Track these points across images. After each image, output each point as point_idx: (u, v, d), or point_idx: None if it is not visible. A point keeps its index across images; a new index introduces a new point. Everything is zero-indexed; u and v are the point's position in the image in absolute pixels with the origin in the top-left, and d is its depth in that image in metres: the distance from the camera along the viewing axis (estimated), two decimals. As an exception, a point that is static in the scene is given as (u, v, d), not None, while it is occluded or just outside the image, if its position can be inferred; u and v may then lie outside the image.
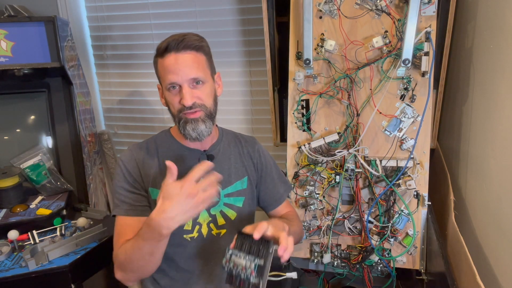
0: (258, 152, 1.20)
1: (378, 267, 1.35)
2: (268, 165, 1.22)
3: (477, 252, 1.08)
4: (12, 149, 1.83)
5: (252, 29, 1.97)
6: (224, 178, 1.08)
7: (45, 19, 1.65)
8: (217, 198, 1.08)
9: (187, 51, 0.99)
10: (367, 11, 1.27)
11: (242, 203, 1.14)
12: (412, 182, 1.25)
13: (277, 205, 1.23)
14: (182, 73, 0.98)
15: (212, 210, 1.09)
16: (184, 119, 1.01)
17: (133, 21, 2.11)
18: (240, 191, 1.14)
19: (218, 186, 1.02)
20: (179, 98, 1.00)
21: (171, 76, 0.98)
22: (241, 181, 1.14)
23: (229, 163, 1.14)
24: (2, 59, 1.66)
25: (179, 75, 0.98)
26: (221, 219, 1.11)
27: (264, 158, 1.21)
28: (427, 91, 1.25)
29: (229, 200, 1.12)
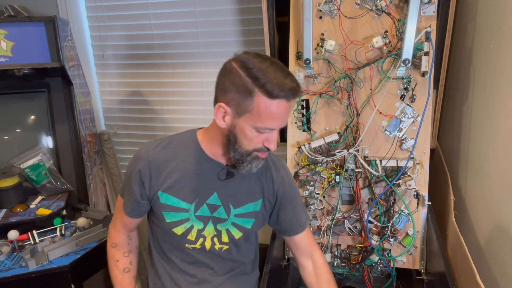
0: (283, 179, 1.12)
1: (378, 267, 1.35)
2: (291, 192, 1.13)
3: (477, 252, 1.08)
4: (12, 149, 1.83)
5: (252, 29, 1.97)
6: (238, 198, 1.05)
7: (45, 19, 1.65)
8: (226, 216, 1.05)
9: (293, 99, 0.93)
10: (367, 11, 1.27)
11: (251, 224, 1.09)
12: (412, 182, 1.25)
13: (297, 233, 1.16)
14: (282, 122, 0.93)
15: (219, 225, 1.06)
16: (255, 156, 0.97)
17: (133, 21, 2.11)
18: (251, 213, 1.08)
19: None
20: (263, 139, 0.94)
21: (273, 122, 0.90)
22: (254, 203, 1.08)
23: (248, 183, 1.07)
24: (2, 59, 1.66)
25: (280, 123, 0.92)
26: (225, 237, 1.07)
27: (288, 186, 1.12)
28: (427, 91, 1.25)
29: (238, 220, 1.07)
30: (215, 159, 1.03)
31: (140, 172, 1.01)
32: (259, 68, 0.87)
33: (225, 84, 0.92)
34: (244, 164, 0.97)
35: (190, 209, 1.03)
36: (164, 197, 1.02)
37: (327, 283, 1.12)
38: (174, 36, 2.09)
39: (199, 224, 1.04)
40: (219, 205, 1.04)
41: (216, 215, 1.04)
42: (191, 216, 1.03)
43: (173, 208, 1.02)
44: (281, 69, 0.89)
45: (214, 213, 1.04)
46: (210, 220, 1.04)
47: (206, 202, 1.03)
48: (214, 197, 1.03)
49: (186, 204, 1.02)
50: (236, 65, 0.92)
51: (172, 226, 1.03)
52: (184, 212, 1.03)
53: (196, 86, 2.15)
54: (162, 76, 2.18)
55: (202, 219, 1.04)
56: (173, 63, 2.14)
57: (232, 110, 0.91)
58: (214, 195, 1.03)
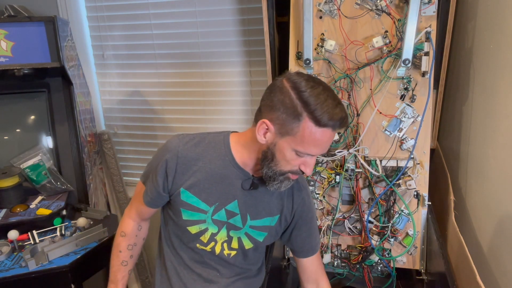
0: (303, 200, 1.11)
1: (378, 267, 1.35)
2: (309, 214, 1.13)
3: (477, 252, 1.08)
4: (12, 149, 1.83)
5: (252, 29, 1.97)
6: (256, 210, 1.05)
7: (45, 19, 1.65)
8: (241, 225, 1.05)
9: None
10: (367, 11, 1.27)
11: (264, 238, 1.09)
12: (412, 182, 1.25)
13: (306, 256, 1.17)
14: (324, 150, 0.93)
15: (232, 232, 1.06)
16: (287, 177, 0.96)
17: (133, 21, 2.11)
18: (266, 227, 1.08)
19: None
20: (300, 162, 0.93)
21: (315, 149, 0.90)
22: (271, 218, 1.08)
23: (268, 197, 1.06)
24: (2, 59, 1.66)
25: (321, 151, 0.92)
26: (235, 244, 1.07)
27: (306, 207, 1.12)
28: (427, 91, 1.25)
29: (252, 231, 1.07)
30: (243, 168, 1.01)
31: (167, 164, 0.99)
32: (311, 94, 0.86)
33: (273, 101, 0.91)
34: (275, 182, 0.96)
35: (208, 212, 1.02)
36: (185, 195, 1.01)
37: None
38: (174, 36, 2.09)
39: (213, 228, 1.04)
40: (237, 213, 1.03)
41: (232, 222, 1.04)
42: (208, 219, 1.03)
43: (192, 207, 1.01)
44: (333, 97, 0.87)
45: (230, 219, 1.04)
46: (225, 225, 1.04)
47: (225, 208, 1.02)
48: (234, 204, 1.02)
49: (205, 205, 1.02)
50: (288, 84, 0.89)
51: (188, 224, 1.03)
52: (202, 213, 1.02)
53: (196, 86, 2.14)
54: (162, 76, 2.18)
55: (218, 224, 1.03)
56: (173, 63, 2.14)
57: (275, 128, 0.90)
58: (235, 203, 1.02)
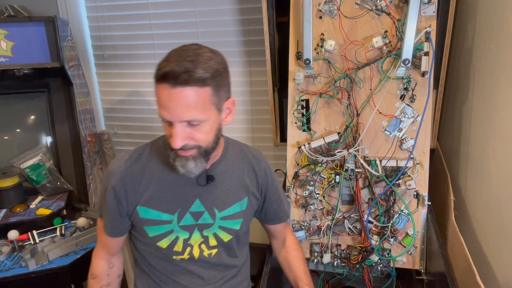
0: (265, 171, 1.08)
1: (378, 267, 1.35)
2: (273, 183, 1.11)
3: (477, 252, 1.08)
4: (12, 149, 1.83)
5: (252, 29, 1.97)
6: (222, 200, 1.01)
7: (45, 19, 1.66)
8: (212, 221, 1.01)
9: (186, 86, 0.80)
10: (367, 11, 1.27)
11: (240, 225, 1.05)
12: (412, 182, 1.25)
13: (279, 222, 1.17)
14: (175, 113, 0.82)
15: (205, 231, 1.02)
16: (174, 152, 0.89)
17: (133, 21, 2.11)
18: (238, 213, 1.04)
19: None
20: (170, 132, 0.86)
21: (163, 111, 0.83)
22: (240, 203, 1.04)
23: (230, 183, 1.02)
24: (2, 59, 1.66)
25: (171, 114, 0.82)
26: (214, 241, 1.03)
27: (270, 177, 1.10)
28: (427, 91, 1.25)
29: (225, 223, 1.03)
30: None
31: (115, 189, 0.95)
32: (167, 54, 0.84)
33: None
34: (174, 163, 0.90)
35: (173, 220, 0.98)
36: (143, 211, 0.97)
37: (298, 260, 1.18)
38: (174, 36, 2.09)
39: (184, 234, 1.00)
40: (203, 211, 1.00)
41: (201, 222, 1.00)
42: (175, 227, 0.99)
43: (155, 222, 0.97)
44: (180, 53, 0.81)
45: (199, 220, 1.00)
46: (196, 228, 1.00)
47: (189, 211, 0.99)
48: (196, 204, 0.99)
49: (168, 215, 0.97)
50: None
51: (156, 240, 0.98)
52: (167, 224, 0.98)
53: (196, 86, 2.14)
54: (162, 76, 2.18)
55: (187, 229, 1.00)
56: (173, 63, 2.14)
57: None
58: (197, 202, 0.99)
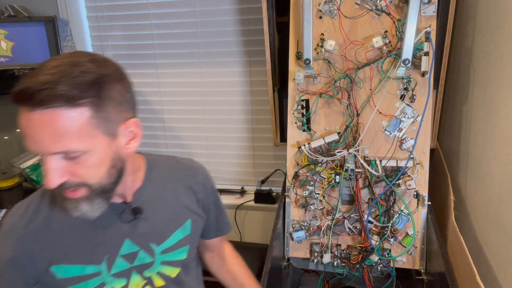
0: (203, 183, 0.96)
1: (378, 267, 1.35)
2: (214, 194, 1.00)
3: (477, 252, 1.08)
4: (12, 149, 1.83)
5: (252, 29, 1.97)
6: (158, 232, 0.85)
7: (45, 19, 1.66)
8: (151, 259, 0.85)
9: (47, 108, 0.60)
10: (367, 11, 1.27)
11: (187, 253, 0.90)
12: (412, 182, 1.25)
13: (221, 235, 1.05)
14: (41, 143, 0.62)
15: (146, 272, 0.86)
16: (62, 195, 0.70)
17: (133, 21, 2.11)
18: (182, 240, 0.89)
19: None
20: None
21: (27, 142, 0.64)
22: (182, 228, 0.89)
23: (164, 210, 0.86)
24: (2, 59, 1.66)
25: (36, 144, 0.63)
26: (159, 280, 0.88)
27: (210, 189, 0.98)
28: (427, 91, 1.25)
29: (168, 256, 0.87)
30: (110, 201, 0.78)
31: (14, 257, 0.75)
32: None
33: None
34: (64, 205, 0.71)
35: (101, 271, 0.80)
36: (61, 271, 0.77)
37: (241, 267, 1.10)
38: (174, 36, 2.09)
39: (120, 282, 0.83)
40: (137, 250, 0.83)
41: (139, 263, 0.84)
42: (106, 278, 0.81)
43: (79, 278, 0.78)
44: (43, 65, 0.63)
45: (135, 262, 0.84)
46: (133, 270, 0.84)
47: (120, 255, 0.82)
48: (127, 244, 0.82)
49: (94, 267, 0.79)
50: None
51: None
52: (95, 277, 0.80)
53: (196, 86, 2.15)
54: (162, 76, 2.18)
55: (123, 275, 0.83)
56: (173, 63, 2.14)
57: None
58: (127, 242, 0.82)
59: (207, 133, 2.22)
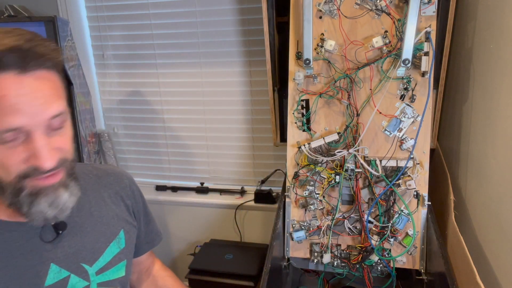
0: (130, 188, 0.86)
1: (378, 267, 1.35)
2: (142, 200, 0.90)
3: (477, 252, 1.08)
4: (12, 149, 1.83)
5: (252, 29, 1.97)
6: (89, 249, 0.74)
7: (45, 19, 1.65)
8: (85, 283, 0.73)
9: (37, 70, 0.56)
10: (367, 11, 1.27)
11: (124, 269, 0.80)
12: (412, 182, 1.25)
13: (150, 248, 0.94)
14: (33, 111, 0.55)
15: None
16: (32, 191, 0.59)
17: (133, 21, 2.11)
18: (118, 255, 0.79)
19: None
20: (21, 157, 0.57)
21: (12, 117, 0.54)
22: (116, 240, 0.79)
23: (92, 222, 0.76)
24: (2, 59, 1.66)
25: (27, 114, 0.55)
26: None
27: (138, 195, 0.89)
28: (427, 91, 1.25)
29: (104, 276, 0.76)
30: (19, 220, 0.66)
31: None
32: None
33: None
34: (24, 209, 0.60)
35: None
36: None
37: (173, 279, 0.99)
38: (174, 36, 2.09)
39: None
40: (67, 275, 0.70)
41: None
42: None
43: None
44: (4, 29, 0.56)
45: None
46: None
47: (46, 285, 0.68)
48: (53, 270, 0.69)
49: None
50: None
51: None
52: None
53: (196, 86, 2.15)
54: (162, 76, 2.18)
55: None
56: (173, 63, 2.14)
57: None
58: (53, 268, 0.69)
59: (207, 133, 2.22)
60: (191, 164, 2.30)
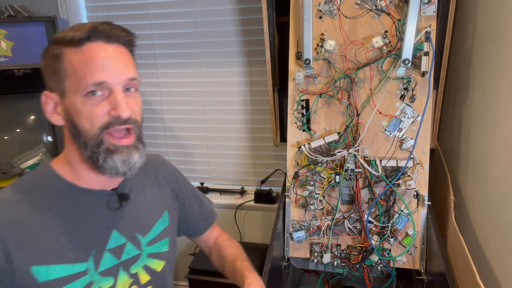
0: (174, 174, 0.98)
1: (378, 267, 1.35)
2: (186, 184, 1.01)
3: (477, 252, 1.08)
4: (12, 149, 1.83)
5: (252, 29, 1.97)
6: (143, 222, 0.85)
7: (45, 19, 1.66)
8: (138, 251, 0.83)
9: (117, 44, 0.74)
10: (367, 11, 1.27)
11: (168, 245, 0.90)
12: (412, 182, 1.25)
13: (209, 226, 1.04)
14: (115, 71, 0.71)
15: (133, 268, 0.82)
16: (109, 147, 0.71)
17: (133, 21, 2.11)
18: (163, 232, 0.89)
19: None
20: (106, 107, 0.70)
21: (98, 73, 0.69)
22: (162, 219, 0.90)
23: (145, 200, 0.87)
24: (2, 59, 1.66)
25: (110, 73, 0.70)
26: (145, 276, 0.84)
27: (180, 179, 0.99)
28: (427, 91, 1.25)
29: (153, 248, 0.86)
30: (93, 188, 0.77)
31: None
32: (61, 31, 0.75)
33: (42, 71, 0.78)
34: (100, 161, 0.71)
35: (88, 269, 0.75)
36: (43, 273, 0.70)
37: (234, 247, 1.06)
38: (174, 36, 2.09)
39: (107, 282, 0.78)
40: (124, 242, 0.81)
41: (126, 258, 0.81)
42: (94, 277, 0.76)
43: (64, 280, 0.72)
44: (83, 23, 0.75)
45: (122, 256, 0.80)
46: (121, 268, 0.80)
47: (107, 249, 0.78)
48: (114, 236, 0.79)
49: (80, 265, 0.74)
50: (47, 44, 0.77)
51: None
52: (82, 276, 0.74)
53: (196, 86, 2.15)
54: (162, 76, 2.18)
55: (110, 273, 0.78)
56: (173, 63, 2.14)
57: (57, 93, 0.74)
58: (114, 234, 0.79)
59: (207, 133, 2.22)
60: (191, 164, 2.30)
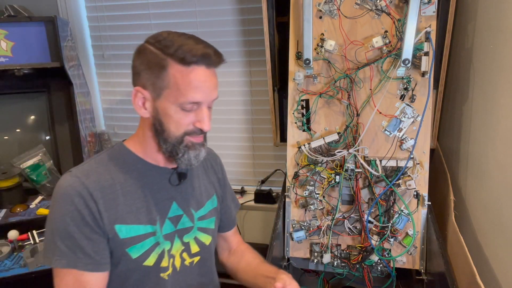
0: (221, 166, 1.10)
1: (378, 267, 1.35)
2: (227, 180, 1.11)
3: (477, 252, 1.08)
4: (12, 149, 1.83)
5: (252, 29, 1.97)
6: (196, 199, 0.98)
7: (45, 19, 1.66)
8: (191, 223, 0.96)
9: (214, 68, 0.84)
10: (367, 11, 1.27)
11: (214, 223, 1.03)
12: (412, 182, 1.25)
13: (233, 226, 1.14)
14: (209, 93, 0.83)
15: (185, 237, 0.95)
16: (189, 144, 0.86)
17: (133, 21, 2.12)
18: (212, 211, 1.02)
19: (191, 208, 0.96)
20: (192, 119, 0.83)
21: (196, 94, 0.80)
22: (211, 200, 1.03)
23: (198, 181, 1.01)
24: (2, 59, 1.66)
25: (205, 96, 0.82)
26: (195, 246, 0.97)
27: (225, 173, 1.11)
28: (427, 91, 1.25)
29: (202, 223, 0.99)
30: (159, 165, 0.92)
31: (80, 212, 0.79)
32: (169, 38, 0.80)
33: (138, 66, 0.83)
34: (179, 155, 0.86)
35: (156, 231, 0.89)
36: (124, 231, 0.85)
37: (255, 256, 1.11)
38: (174, 36, 2.09)
39: (167, 245, 0.91)
40: (181, 214, 0.95)
41: (181, 227, 0.94)
42: (159, 239, 0.90)
43: (139, 238, 0.86)
44: (194, 37, 0.82)
45: (178, 225, 0.94)
46: (176, 235, 0.93)
47: (168, 217, 0.92)
48: (174, 207, 0.93)
49: (151, 227, 0.89)
50: (147, 43, 0.84)
51: (142, 259, 0.87)
52: (152, 236, 0.89)
53: (196, 86, 2.14)
54: (162, 76, 2.18)
55: (169, 238, 0.92)
56: (173, 63, 2.14)
57: (150, 92, 0.81)
58: (174, 205, 0.93)
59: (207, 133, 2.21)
60: (191, 164, 2.29)
